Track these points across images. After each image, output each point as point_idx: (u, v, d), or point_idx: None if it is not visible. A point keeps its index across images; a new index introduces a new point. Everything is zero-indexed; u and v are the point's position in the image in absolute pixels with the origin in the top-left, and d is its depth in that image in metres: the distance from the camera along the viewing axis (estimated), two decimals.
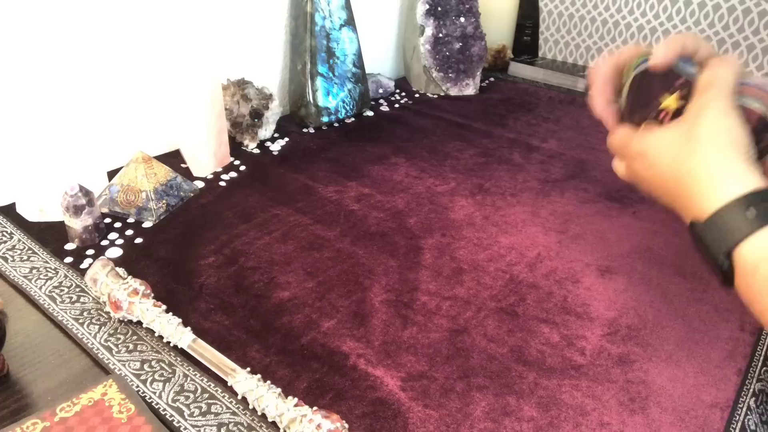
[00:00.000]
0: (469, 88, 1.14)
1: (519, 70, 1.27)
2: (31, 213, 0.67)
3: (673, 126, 0.49)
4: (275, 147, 0.88)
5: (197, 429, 0.42)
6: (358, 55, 0.98)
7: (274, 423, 0.42)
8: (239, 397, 0.44)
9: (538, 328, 0.53)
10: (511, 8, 1.29)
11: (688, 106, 0.49)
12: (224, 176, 0.79)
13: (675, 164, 0.48)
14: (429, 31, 1.10)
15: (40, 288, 0.56)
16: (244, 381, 0.44)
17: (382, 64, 1.21)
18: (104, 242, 0.63)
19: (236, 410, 0.44)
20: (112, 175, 0.72)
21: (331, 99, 0.95)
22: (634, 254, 0.64)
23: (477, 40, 1.12)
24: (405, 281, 0.59)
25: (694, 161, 0.46)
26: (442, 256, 0.63)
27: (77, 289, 0.56)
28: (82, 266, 0.59)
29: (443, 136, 0.95)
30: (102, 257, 0.58)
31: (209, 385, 0.46)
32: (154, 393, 0.45)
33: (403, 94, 1.14)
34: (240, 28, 0.91)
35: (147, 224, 0.67)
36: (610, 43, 1.22)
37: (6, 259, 0.60)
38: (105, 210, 0.68)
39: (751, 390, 0.48)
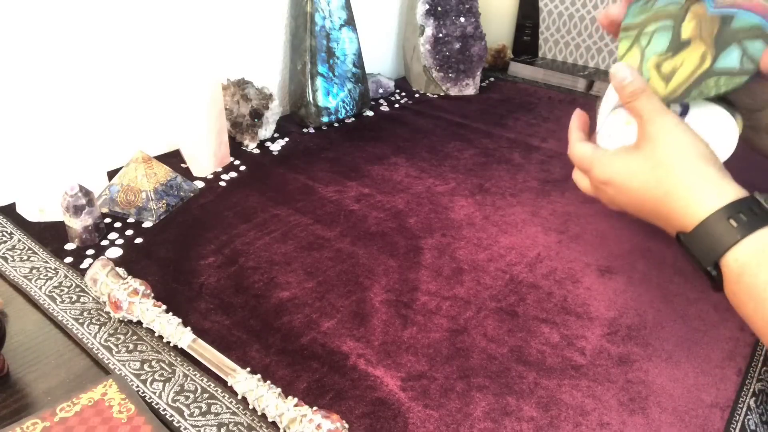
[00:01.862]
0: (469, 88, 1.14)
1: (519, 70, 1.27)
2: (31, 213, 0.67)
3: (633, 152, 0.51)
4: (275, 147, 0.88)
5: (197, 429, 0.42)
6: (358, 55, 0.98)
7: (274, 423, 0.42)
8: (239, 397, 0.44)
9: (538, 328, 0.53)
10: (511, 8, 1.29)
11: (639, 132, 0.51)
12: (224, 176, 0.79)
13: (648, 189, 0.50)
14: (429, 31, 1.10)
15: (40, 288, 0.56)
16: (244, 381, 0.44)
17: (382, 64, 1.21)
18: (104, 242, 0.63)
19: (236, 410, 0.44)
20: (112, 175, 0.72)
21: (331, 99, 0.95)
22: (634, 254, 0.64)
23: (477, 40, 1.12)
24: (405, 281, 0.59)
25: (668, 184, 0.48)
26: (442, 256, 0.63)
27: (77, 289, 0.56)
28: (82, 266, 0.59)
29: (443, 136, 0.95)
30: (102, 257, 0.57)
31: (209, 385, 0.46)
32: (154, 393, 0.45)
33: (403, 94, 1.14)
34: (240, 28, 0.91)
35: (147, 224, 0.67)
36: (610, 43, 1.22)
37: (6, 259, 0.60)
38: (105, 210, 0.68)
39: (751, 390, 0.48)
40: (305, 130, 0.95)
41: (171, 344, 0.49)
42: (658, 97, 0.50)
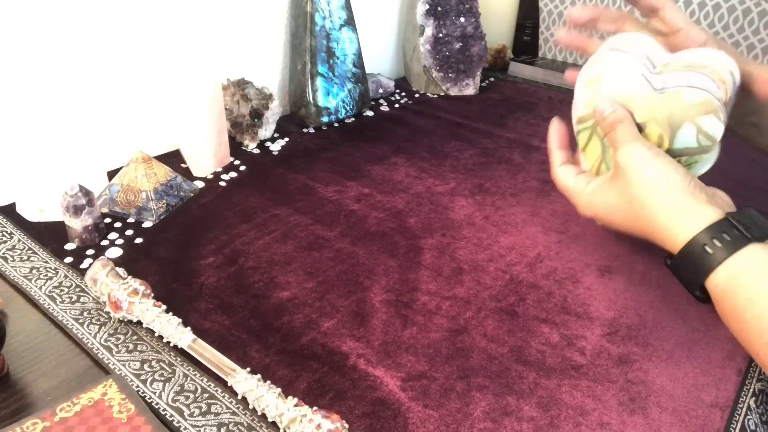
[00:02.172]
0: (469, 88, 1.14)
1: (519, 70, 1.27)
2: (31, 213, 0.67)
3: (609, 189, 0.53)
4: (275, 147, 0.88)
5: (197, 429, 0.42)
6: (358, 55, 0.98)
7: (274, 423, 0.42)
8: (239, 397, 0.44)
9: (538, 328, 0.53)
10: (511, 8, 1.29)
11: (613, 165, 0.52)
12: (224, 176, 0.79)
13: (629, 222, 0.52)
14: (429, 31, 1.10)
15: (40, 288, 0.56)
16: (244, 381, 0.44)
17: (382, 64, 1.21)
18: (104, 242, 0.63)
19: (236, 410, 0.44)
20: (112, 175, 0.72)
21: (331, 99, 0.95)
22: (634, 254, 0.64)
23: (477, 40, 1.12)
24: (405, 281, 0.59)
25: (645, 218, 0.49)
26: (442, 256, 0.63)
27: (77, 289, 0.56)
28: (82, 266, 0.59)
29: (443, 136, 0.95)
30: (102, 257, 0.58)
31: (209, 385, 0.46)
32: (154, 393, 0.45)
33: (403, 94, 1.14)
34: (240, 28, 0.91)
35: (147, 224, 0.67)
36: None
37: (6, 259, 0.60)
38: (105, 210, 0.68)
39: (751, 390, 0.48)
40: (305, 130, 0.95)
41: (171, 344, 0.49)
42: (634, 128, 0.51)
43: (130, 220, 0.68)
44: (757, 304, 0.42)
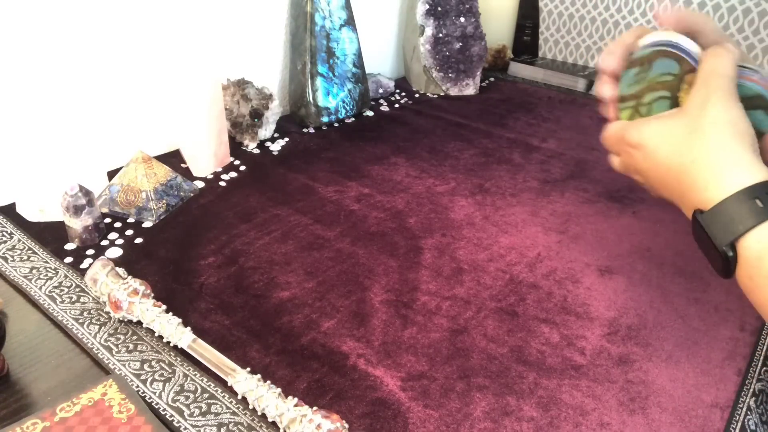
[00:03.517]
0: (469, 88, 1.14)
1: (519, 70, 1.27)
2: (31, 213, 0.67)
3: (674, 116, 0.49)
4: (275, 147, 0.88)
5: (197, 429, 0.42)
6: (358, 55, 0.98)
7: (274, 423, 0.42)
8: (239, 397, 0.44)
9: (538, 328, 0.53)
10: (511, 8, 1.29)
11: (690, 95, 0.49)
12: (224, 176, 0.79)
13: (676, 155, 0.47)
14: (429, 31, 1.10)
15: (40, 288, 0.56)
16: (244, 381, 0.44)
17: (382, 64, 1.21)
18: (104, 242, 0.63)
19: (236, 410, 0.44)
20: (112, 175, 0.72)
21: (331, 99, 0.95)
22: (634, 254, 0.64)
23: (477, 40, 1.12)
24: (405, 281, 0.59)
25: (699, 151, 0.45)
26: (442, 256, 0.63)
27: (77, 289, 0.56)
28: (82, 266, 0.59)
29: (443, 136, 0.95)
30: (102, 257, 0.58)
31: (209, 385, 0.46)
32: (154, 393, 0.45)
33: (403, 94, 1.14)
34: (240, 28, 0.91)
35: (147, 224, 0.67)
36: (610, 43, 1.22)
37: (6, 259, 0.60)
38: (105, 210, 0.68)
39: (751, 390, 0.48)
40: (305, 130, 0.95)
41: (171, 344, 0.49)
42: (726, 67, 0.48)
43: (130, 220, 0.68)
44: None
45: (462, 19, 1.10)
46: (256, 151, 0.87)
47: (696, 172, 0.46)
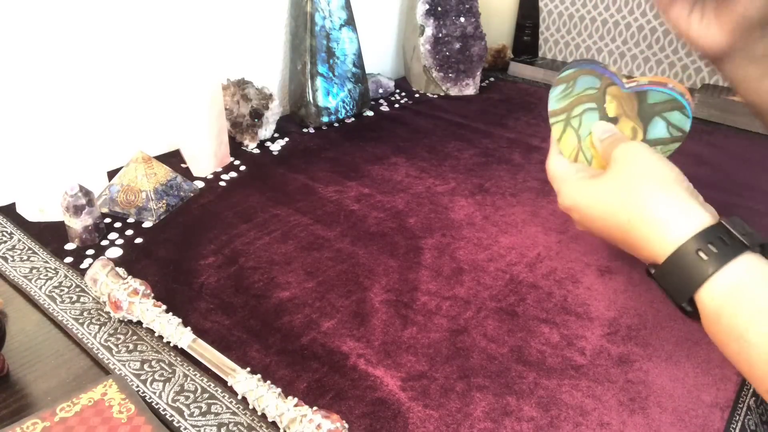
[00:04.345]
0: (469, 88, 1.14)
1: (519, 70, 1.27)
2: (31, 213, 0.67)
3: (598, 177, 0.50)
4: (275, 147, 0.88)
5: (197, 429, 0.42)
6: (358, 55, 0.98)
7: (274, 423, 0.42)
8: (239, 397, 0.44)
9: (538, 328, 0.53)
10: (511, 8, 1.29)
11: (614, 157, 0.50)
12: (224, 176, 0.79)
13: (610, 214, 0.47)
14: (429, 31, 1.10)
15: (40, 288, 0.56)
16: (244, 381, 0.44)
17: (382, 64, 1.21)
18: (104, 242, 0.63)
19: (236, 410, 0.44)
20: (112, 175, 0.72)
21: (331, 99, 0.95)
22: None
23: (477, 40, 1.12)
24: (405, 281, 0.59)
25: (632, 209, 0.45)
26: (442, 256, 0.63)
27: (77, 289, 0.56)
28: (82, 266, 0.59)
29: (443, 136, 0.95)
30: (102, 257, 0.57)
31: (209, 385, 0.46)
32: (154, 393, 0.45)
33: (403, 94, 1.14)
34: (240, 28, 0.91)
35: (147, 224, 0.67)
36: (610, 43, 1.22)
37: (6, 259, 0.60)
38: (105, 210, 0.68)
39: (751, 390, 0.48)
40: (305, 130, 0.95)
41: (171, 344, 0.49)
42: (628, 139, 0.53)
43: (130, 220, 0.68)
44: (764, 320, 0.37)
45: (462, 19, 1.10)
46: (256, 151, 0.87)
47: (636, 230, 0.45)
